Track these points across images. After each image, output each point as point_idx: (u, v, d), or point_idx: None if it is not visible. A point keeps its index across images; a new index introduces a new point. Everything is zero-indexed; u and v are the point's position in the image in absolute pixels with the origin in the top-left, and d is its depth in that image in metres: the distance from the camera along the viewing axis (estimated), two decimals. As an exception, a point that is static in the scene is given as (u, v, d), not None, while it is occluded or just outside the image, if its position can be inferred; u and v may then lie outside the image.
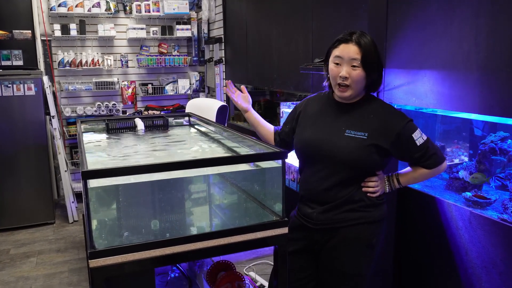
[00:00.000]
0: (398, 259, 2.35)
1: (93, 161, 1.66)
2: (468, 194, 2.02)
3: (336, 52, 1.63)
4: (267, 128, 2.00)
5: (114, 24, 4.72)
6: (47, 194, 4.20)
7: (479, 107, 1.79)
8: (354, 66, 1.59)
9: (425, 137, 1.65)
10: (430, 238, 2.13)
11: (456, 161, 2.44)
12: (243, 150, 1.82)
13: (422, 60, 2.05)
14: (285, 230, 1.58)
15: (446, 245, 2.03)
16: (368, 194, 1.68)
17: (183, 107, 5.12)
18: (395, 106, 2.29)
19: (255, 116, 2.01)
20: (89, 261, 1.28)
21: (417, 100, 2.11)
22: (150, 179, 1.46)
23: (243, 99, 1.99)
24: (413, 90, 2.12)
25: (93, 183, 1.39)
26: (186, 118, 2.75)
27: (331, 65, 1.65)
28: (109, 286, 1.35)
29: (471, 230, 1.90)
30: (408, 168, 1.76)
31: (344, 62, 1.60)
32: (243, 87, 2.04)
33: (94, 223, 1.40)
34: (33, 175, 4.12)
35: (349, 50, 1.59)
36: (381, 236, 1.75)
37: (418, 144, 1.62)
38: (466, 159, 2.43)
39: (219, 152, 1.90)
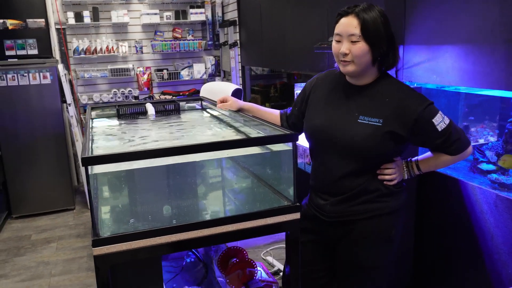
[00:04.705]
0: (419, 244, 2.27)
1: (100, 147, 1.62)
2: (494, 176, 1.91)
3: (336, 29, 1.52)
4: (270, 112, 1.89)
5: (128, 10, 4.68)
6: (66, 181, 4.26)
7: (505, 83, 1.68)
8: (353, 41, 1.46)
9: (447, 121, 1.50)
10: (453, 222, 2.04)
11: (481, 141, 2.32)
12: (254, 133, 1.75)
13: (444, 35, 1.94)
14: (297, 215, 1.51)
15: (470, 230, 1.94)
16: (385, 183, 1.57)
17: (199, 92, 5.07)
18: (415, 85, 2.19)
19: (252, 106, 1.92)
20: (93, 249, 1.24)
21: (438, 77, 2.00)
22: (157, 164, 1.41)
23: (229, 105, 1.96)
24: (434, 67, 2.01)
25: (98, 169, 1.35)
26: (199, 102, 2.70)
27: (333, 43, 1.53)
28: (114, 274, 1.32)
29: (497, 214, 1.80)
30: (429, 153, 1.62)
31: (344, 38, 1.49)
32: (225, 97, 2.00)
33: (100, 210, 1.37)
34: (52, 162, 4.17)
35: (348, 24, 1.47)
36: (401, 224, 1.65)
37: (440, 129, 1.48)
38: (492, 139, 2.31)
39: (230, 135, 1.83)
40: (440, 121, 1.48)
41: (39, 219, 4.16)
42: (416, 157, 1.66)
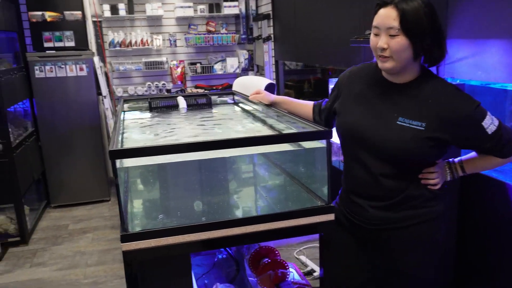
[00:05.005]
0: (460, 246, 2.16)
1: (129, 140, 1.62)
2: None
3: (374, 21, 1.39)
4: (304, 104, 1.80)
5: (162, 3, 4.70)
6: (102, 173, 4.35)
7: (559, 80, 1.55)
8: (392, 35, 1.34)
9: (497, 123, 1.37)
10: (498, 225, 1.93)
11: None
12: (286, 129, 1.69)
13: (490, 28, 1.82)
14: (330, 216, 1.46)
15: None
16: (429, 187, 1.45)
17: (232, 86, 5.05)
18: (458, 81, 2.07)
19: (285, 99, 1.84)
20: (122, 244, 1.23)
21: (483, 74, 1.88)
22: (187, 159, 1.38)
23: (261, 97, 1.93)
24: (479, 63, 1.89)
25: (128, 162, 1.34)
26: (231, 96, 2.67)
27: (371, 36, 1.41)
28: (143, 269, 1.31)
29: (547, 220, 1.68)
30: (474, 154, 1.50)
31: (382, 31, 1.36)
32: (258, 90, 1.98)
33: (129, 204, 1.36)
34: (88, 154, 4.27)
35: (386, 16, 1.34)
36: (444, 228, 1.54)
37: (490, 132, 1.35)
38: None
39: (261, 131, 1.78)
40: (490, 123, 1.35)
41: (75, 209, 4.27)
42: (459, 158, 1.53)
